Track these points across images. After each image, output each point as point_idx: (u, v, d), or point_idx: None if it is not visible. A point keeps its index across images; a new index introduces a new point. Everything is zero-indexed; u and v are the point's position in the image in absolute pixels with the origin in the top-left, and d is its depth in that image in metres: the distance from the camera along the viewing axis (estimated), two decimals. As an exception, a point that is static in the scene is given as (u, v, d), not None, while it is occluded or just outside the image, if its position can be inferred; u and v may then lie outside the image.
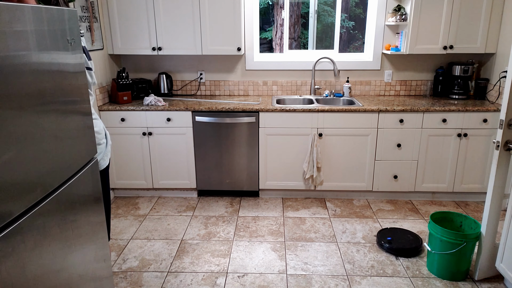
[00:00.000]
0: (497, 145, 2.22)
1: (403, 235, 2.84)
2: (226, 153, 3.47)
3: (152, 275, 2.50)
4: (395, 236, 2.82)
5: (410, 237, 2.82)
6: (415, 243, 2.73)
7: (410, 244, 2.72)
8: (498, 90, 3.41)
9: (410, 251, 2.67)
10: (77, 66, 1.65)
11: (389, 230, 2.94)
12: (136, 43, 3.53)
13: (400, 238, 2.79)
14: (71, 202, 1.56)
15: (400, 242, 2.74)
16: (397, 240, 2.76)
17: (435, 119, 3.30)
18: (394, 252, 2.69)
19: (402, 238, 2.80)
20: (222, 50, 3.53)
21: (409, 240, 2.77)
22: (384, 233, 2.89)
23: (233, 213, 3.33)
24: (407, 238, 2.81)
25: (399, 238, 2.80)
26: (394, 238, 2.78)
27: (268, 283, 2.41)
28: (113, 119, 3.41)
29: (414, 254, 2.69)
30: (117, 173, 3.56)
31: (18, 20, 1.22)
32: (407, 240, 2.77)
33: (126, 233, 3.02)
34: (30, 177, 1.28)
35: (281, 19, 5.33)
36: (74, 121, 1.61)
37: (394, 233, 2.87)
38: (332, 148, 3.41)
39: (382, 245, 2.75)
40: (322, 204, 3.50)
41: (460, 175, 3.43)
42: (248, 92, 3.97)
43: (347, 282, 2.42)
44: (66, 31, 1.54)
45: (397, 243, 2.73)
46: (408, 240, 2.78)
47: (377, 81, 3.87)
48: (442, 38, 3.42)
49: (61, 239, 1.47)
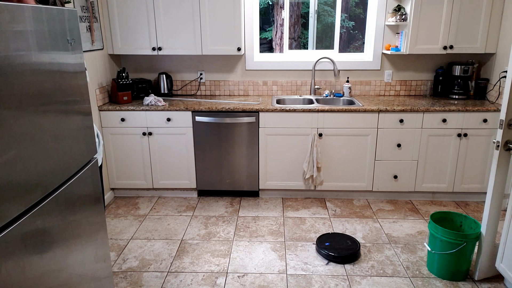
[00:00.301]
0: (497, 145, 2.22)
1: (343, 241, 2.77)
2: (226, 153, 3.47)
3: (152, 275, 2.50)
4: (334, 241, 2.76)
5: (349, 243, 2.74)
6: (352, 249, 2.65)
7: (346, 251, 2.64)
8: (498, 90, 3.41)
9: (345, 258, 2.60)
10: (77, 66, 1.65)
11: (330, 235, 2.87)
12: (136, 43, 3.53)
13: (339, 244, 2.72)
14: (71, 202, 1.56)
15: (337, 248, 2.67)
16: (335, 246, 2.69)
17: (435, 119, 3.30)
18: (330, 258, 2.61)
19: (341, 243, 2.73)
20: (222, 50, 3.53)
21: (347, 246, 2.69)
22: (324, 238, 2.82)
23: (233, 213, 3.33)
24: (345, 244, 2.73)
25: (338, 243, 2.73)
26: (332, 244, 2.72)
27: (268, 283, 2.41)
28: (113, 119, 3.41)
29: (349, 261, 2.60)
30: (117, 173, 3.56)
31: (18, 20, 1.22)
32: (345, 246, 2.69)
33: (126, 233, 3.02)
34: (30, 177, 1.28)
35: (281, 19, 5.33)
36: (74, 121, 1.61)
37: (334, 238, 2.81)
38: (332, 148, 3.41)
39: (320, 251, 2.68)
40: (322, 204, 3.50)
41: (460, 175, 3.43)
42: (248, 92, 3.97)
43: (347, 282, 2.42)
44: (66, 31, 1.54)
45: (334, 249, 2.66)
46: (346, 246, 2.70)
47: (377, 81, 3.87)
48: (442, 38, 3.42)
49: (61, 239, 1.47)
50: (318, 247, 2.72)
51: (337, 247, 2.69)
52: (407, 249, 2.78)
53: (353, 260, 2.63)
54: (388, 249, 2.78)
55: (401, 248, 2.78)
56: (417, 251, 2.75)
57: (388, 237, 2.93)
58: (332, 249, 2.66)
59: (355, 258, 2.64)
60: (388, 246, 2.81)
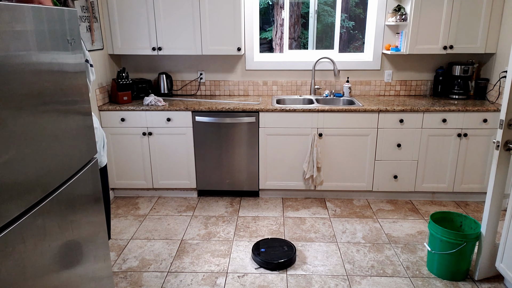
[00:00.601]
0: (497, 145, 2.22)
1: (279, 246, 2.71)
2: (226, 153, 3.47)
3: (152, 275, 2.50)
4: (270, 247, 2.71)
5: (285, 249, 2.68)
6: (286, 256, 2.58)
7: (279, 257, 2.57)
8: (498, 90, 3.41)
9: (279, 265, 2.53)
10: (77, 66, 1.65)
11: (270, 240, 2.82)
12: (136, 43, 3.53)
13: (275, 250, 2.66)
14: (71, 202, 1.56)
15: (272, 254, 2.61)
16: (270, 252, 2.63)
17: (435, 119, 3.30)
18: (265, 265, 2.55)
19: (277, 249, 2.67)
20: (222, 50, 3.53)
21: (282, 252, 2.63)
22: (261, 243, 2.77)
23: (233, 213, 3.33)
24: (281, 250, 2.67)
25: (274, 249, 2.67)
26: (268, 250, 2.66)
27: (268, 283, 2.41)
28: (113, 119, 3.41)
29: (283, 267, 2.54)
30: (117, 173, 3.56)
31: (18, 20, 1.22)
32: (280, 252, 2.63)
33: (126, 233, 3.02)
34: (30, 177, 1.28)
35: (281, 19, 5.33)
36: (74, 121, 1.61)
37: (271, 244, 2.76)
38: (332, 148, 3.41)
39: (254, 258, 2.61)
40: (322, 204, 3.50)
41: (460, 175, 3.43)
42: (248, 92, 3.97)
43: (347, 282, 2.42)
44: (66, 31, 1.54)
45: (269, 255, 2.60)
46: (281, 252, 2.64)
47: (377, 81, 3.87)
48: (442, 38, 3.42)
49: (61, 239, 1.47)
50: (253, 253, 2.64)
51: (272, 252, 2.63)
52: (407, 249, 2.78)
53: (287, 266, 2.56)
54: (388, 249, 2.78)
55: (401, 248, 2.78)
56: (417, 251, 2.75)
57: (388, 237, 2.93)
58: (266, 255, 2.60)
59: (289, 265, 2.57)
60: (388, 246, 2.81)
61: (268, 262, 2.54)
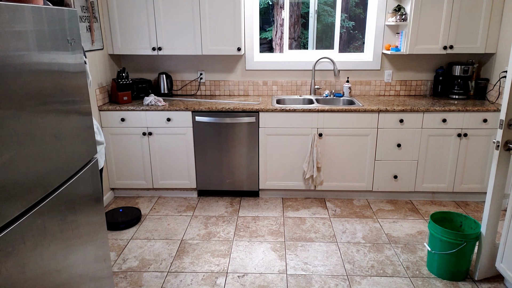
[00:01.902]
0: (497, 145, 2.22)
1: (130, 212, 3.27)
2: (226, 153, 3.47)
3: (152, 275, 2.50)
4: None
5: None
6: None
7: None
8: (498, 90, 3.41)
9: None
10: (77, 66, 1.65)
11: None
12: (136, 43, 3.53)
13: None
14: (71, 202, 1.56)
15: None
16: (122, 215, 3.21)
17: (435, 119, 3.30)
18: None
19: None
20: (222, 50, 3.53)
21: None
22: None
23: (233, 213, 3.33)
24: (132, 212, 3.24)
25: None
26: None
27: (268, 283, 2.41)
28: (113, 119, 3.40)
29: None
30: (117, 173, 3.56)
31: (18, 20, 1.22)
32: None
33: (126, 233, 3.02)
34: (30, 177, 1.28)
35: (281, 19, 5.33)
36: (74, 121, 1.61)
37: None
38: (332, 148, 3.41)
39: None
40: (322, 204, 3.50)
41: (460, 175, 3.43)
42: (248, 92, 3.97)
43: (347, 282, 2.42)
44: (66, 31, 1.54)
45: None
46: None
47: (377, 81, 3.87)
48: (442, 38, 3.42)
49: (61, 239, 1.47)
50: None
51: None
52: (407, 249, 2.78)
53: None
54: (388, 249, 2.78)
55: (401, 248, 2.78)
56: (417, 251, 2.75)
57: (388, 237, 2.93)
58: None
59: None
60: (388, 246, 2.81)
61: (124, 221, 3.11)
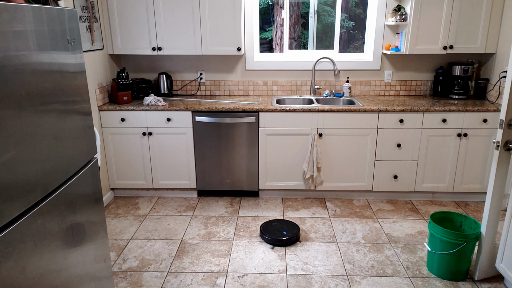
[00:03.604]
0: (497, 145, 2.22)
1: (282, 227, 2.99)
2: (226, 153, 3.47)
3: (152, 275, 2.50)
4: (273, 228, 2.98)
5: (289, 227, 2.97)
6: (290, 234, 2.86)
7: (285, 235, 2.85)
8: (498, 90, 3.41)
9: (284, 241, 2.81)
10: (77, 66, 1.65)
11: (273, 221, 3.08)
12: (136, 43, 3.53)
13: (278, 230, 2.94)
14: (71, 202, 1.56)
15: (278, 233, 2.89)
16: (273, 232, 2.91)
17: (435, 119, 3.30)
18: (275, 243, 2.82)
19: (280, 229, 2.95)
20: (222, 50, 3.53)
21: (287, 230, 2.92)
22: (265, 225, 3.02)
23: (233, 213, 3.33)
24: (288, 226, 2.97)
25: (277, 229, 2.95)
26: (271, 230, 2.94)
27: (268, 283, 2.41)
28: (113, 119, 3.40)
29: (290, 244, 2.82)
30: (117, 173, 3.56)
31: (18, 20, 1.22)
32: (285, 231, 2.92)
33: (126, 233, 3.02)
34: (30, 177, 1.28)
35: (281, 19, 5.33)
36: (74, 121, 1.61)
37: (276, 225, 3.02)
38: (332, 148, 3.41)
39: (264, 238, 2.87)
40: (322, 204, 3.50)
41: (460, 175, 3.43)
42: (248, 92, 3.97)
43: (347, 282, 2.42)
44: (66, 31, 1.54)
45: (275, 233, 2.88)
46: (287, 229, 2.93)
47: (377, 81, 3.87)
48: (442, 38, 3.42)
49: (61, 239, 1.47)
50: (261, 233, 2.90)
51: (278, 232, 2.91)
52: (407, 249, 2.78)
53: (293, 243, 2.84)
54: (388, 249, 2.78)
55: (401, 248, 2.78)
56: (417, 251, 2.75)
57: (388, 237, 2.93)
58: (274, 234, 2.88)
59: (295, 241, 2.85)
60: (388, 246, 2.81)
61: (276, 240, 2.81)
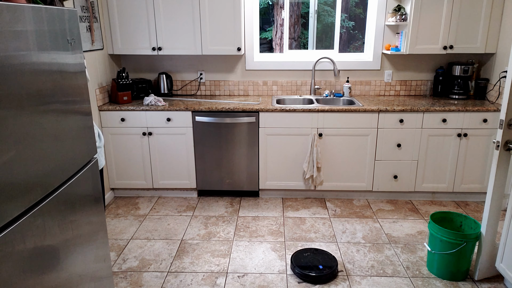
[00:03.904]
0: (497, 145, 2.22)
1: (316, 258, 2.55)
2: (226, 153, 3.47)
3: (152, 275, 2.50)
4: (307, 260, 2.54)
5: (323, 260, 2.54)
6: (328, 269, 2.44)
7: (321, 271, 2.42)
8: (498, 90, 3.41)
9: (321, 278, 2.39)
10: (77, 66, 1.65)
11: (306, 250, 2.65)
12: (136, 43, 3.53)
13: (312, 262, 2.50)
14: (71, 202, 1.56)
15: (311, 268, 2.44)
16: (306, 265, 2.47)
17: (435, 119, 3.30)
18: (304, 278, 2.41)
19: (315, 261, 2.52)
20: (222, 50, 3.53)
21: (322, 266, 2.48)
22: (298, 256, 2.58)
23: (233, 213, 3.33)
24: (323, 259, 2.54)
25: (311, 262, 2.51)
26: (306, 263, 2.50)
27: (268, 283, 2.41)
28: (113, 119, 3.40)
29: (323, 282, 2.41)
30: (117, 173, 3.56)
31: (18, 20, 1.22)
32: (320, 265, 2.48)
33: (126, 233, 3.02)
34: (30, 177, 1.28)
35: (281, 19, 5.33)
36: (74, 121, 1.61)
37: (310, 256, 2.58)
38: (332, 148, 3.41)
39: (294, 270, 2.47)
40: (322, 204, 3.50)
41: (460, 175, 3.43)
42: (248, 92, 3.97)
43: (347, 282, 2.42)
44: (66, 31, 1.54)
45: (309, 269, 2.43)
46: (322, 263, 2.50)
47: (377, 81, 3.87)
48: (442, 38, 3.42)
49: (61, 239, 1.47)
50: (292, 265, 2.49)
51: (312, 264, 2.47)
52: (407, 249, 2.78)
53: (327, 280, 2.42)
54: (388, 249, 2.78)
55: (401, 248, 2.78)
56: (417, 251, 2.75)
57: (388, 237, 2.93)
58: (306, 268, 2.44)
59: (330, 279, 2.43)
60: (388, 246, 2.81)
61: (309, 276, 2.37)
